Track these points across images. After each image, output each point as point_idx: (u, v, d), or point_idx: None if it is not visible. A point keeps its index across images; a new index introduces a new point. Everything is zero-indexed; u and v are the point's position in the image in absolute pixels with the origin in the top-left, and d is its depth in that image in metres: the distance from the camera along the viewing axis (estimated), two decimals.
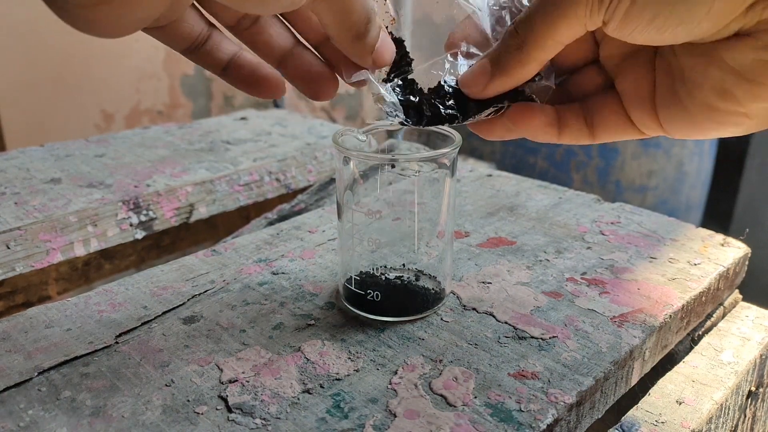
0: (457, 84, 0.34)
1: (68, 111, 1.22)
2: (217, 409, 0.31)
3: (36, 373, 0.34)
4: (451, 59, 0.35)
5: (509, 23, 0.33)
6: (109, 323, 0.38)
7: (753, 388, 0.43)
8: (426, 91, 0.35)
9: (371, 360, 0.35)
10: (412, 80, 0.35)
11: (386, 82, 0.34)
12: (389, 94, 0.33)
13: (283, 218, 0.58)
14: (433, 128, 0.40)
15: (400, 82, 0.34)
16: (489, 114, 0.35)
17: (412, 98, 0.34)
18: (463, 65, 0.34)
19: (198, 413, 0.31)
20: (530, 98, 0.35)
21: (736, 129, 0.32)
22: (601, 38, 0.35)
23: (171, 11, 0.30)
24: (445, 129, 0.39)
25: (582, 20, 0.29)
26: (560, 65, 0.36)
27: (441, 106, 0.34)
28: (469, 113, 0.34)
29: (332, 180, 0.66)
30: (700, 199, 1.61)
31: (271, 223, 0.58)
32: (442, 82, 0.34)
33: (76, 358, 0.35)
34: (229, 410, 0.31)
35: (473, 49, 0.35)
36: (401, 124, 0.34)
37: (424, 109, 0.34)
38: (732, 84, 0.30)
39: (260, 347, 0.36)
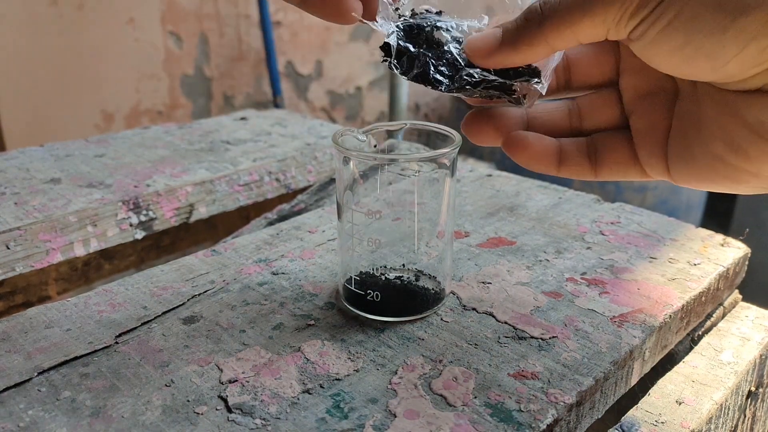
0: (460, 52, 0.33)
1: (68, 111, 1.22)
2: (217, 410, 0.31)
3: (36, 374, 0.34)
4: (476, 26, 0.34)
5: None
6: (109, 323, 0.38)
7: (753, 388, 0.43)
8: (431, 45, 0.33)
9: (371, 360, 0.35)
10: (424, 29, 0.33)
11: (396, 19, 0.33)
12: (390, 34, 0.32)
13: (282, 218, 0.58)
14: (434, 127, 0.40)
15: (409, 24, 0.33)
16: (475, 95, 0.34)
17: (411, 47, 0.32)
18: None
19: (198, 413, 0.31)
20: (516, 98, 0.34)
21: (742, 187, 0.31)
22: (624, 69, 0.35)
23: None
24: (445, 129, 0.39)
25: (607, 24, 0.28)
26: (576, 80, 0.36)
27: (432, 67, 0.32)
28: (457, 84, 0.32)
29: (332, 180, 0.66)
30: (700, 199, 1.61)
31: (271, 224, 0.58)
32: (447, 44, 0.33)
33: (76, 358, 0.35)
34: (229, 410, 0.31)
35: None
36: (389, 66, 0.33)
37: (416, 63, 0.32)
38: (746, 140, 0.29)
39: (260, 347, 0.36)
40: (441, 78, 0.32)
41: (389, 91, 1.45)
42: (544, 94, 0.34)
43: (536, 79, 0.33)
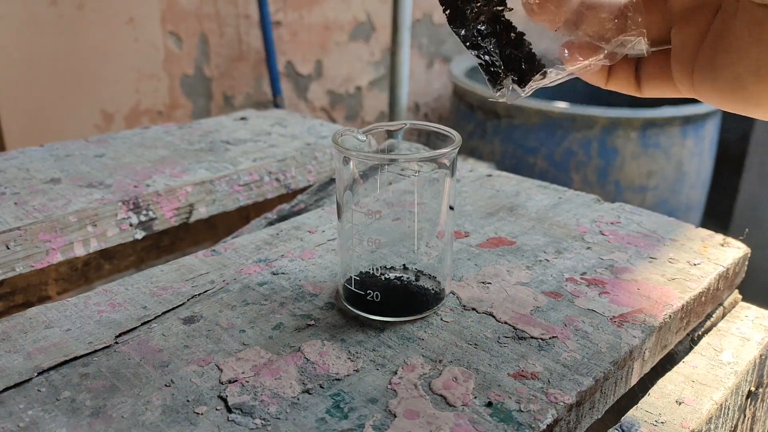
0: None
1: (68, 111, 1.22)
2: (216, 410, 0.31)
3: (35, 374, 0.34)
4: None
5: None
6: (109, 323, 0.38)
7: (753, 388, 0.43)
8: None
9: (371, 360, 0.35)
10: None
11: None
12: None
13: (282, 218, 0.58)
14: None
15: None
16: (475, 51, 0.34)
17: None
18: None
19: (198, 413, 0.31)
20: (536, 66, 0.34)
21: (760, 111, 0.31)
22: None
23: None
24: (444, 129, 0.39)
25: None
26: None
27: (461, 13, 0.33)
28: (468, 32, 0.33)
29: (332, 180, 0.66)
30: (699, 199, 1.61)
31: (270, 224, 0.58)
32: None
33: (76, 358, 0.35)
34: (229, 410, 0.31)
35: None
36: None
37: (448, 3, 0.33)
38: (766, 64, 0.29)
39: (260, 347, 0.36)
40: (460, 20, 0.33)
41: (389, 91, 1.45)
42: (563, 78, 0.34)
43: (524, 81, 0.33)
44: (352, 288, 0.39)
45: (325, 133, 0.76)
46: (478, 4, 0.33)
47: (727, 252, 0.48)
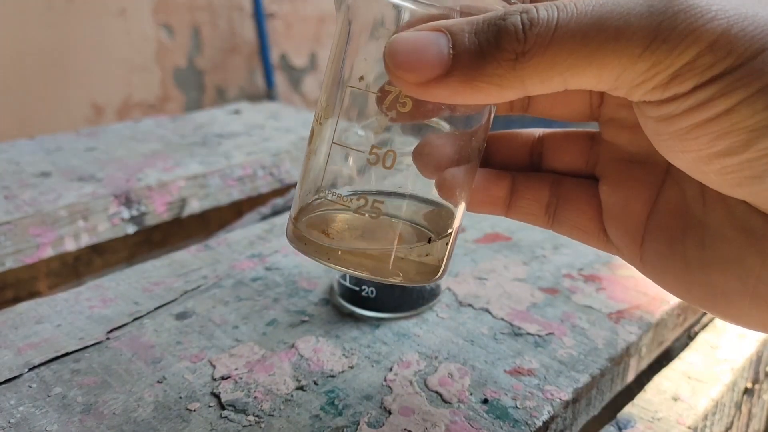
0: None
1: (58, 103, 1.21)
2: (209, 406, 0.31)
3: (26, 370, 0.33)
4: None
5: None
6: (100, 319, 0.38)
7: (749, 385, 0.43)
8: None
9: (366, 356, 0.35)
10: None
11: None
12: None
13: (276, 213, 0.57)
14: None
15: None
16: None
17: None
18: None
19: (190, 410, 0.31)
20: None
21: (739, 324, 0.23)
22: (604, 115, 0.26)
23: None
24: (443, 123, 0.39)
25: (622, 81, 0.19)
26: (537, 109, 0.28)
27: None
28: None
29: None
30: None
31: (264, 218, 0.57)
32: None
33: (67, 354, 0.35)
34: (222, 407, 0.31)
35: None
36: None
37: None
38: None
39: (253, 343, 0.36)
40: None
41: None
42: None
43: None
44: (347, 284, 0.38)
45: None
46: None
47: None
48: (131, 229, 0.56)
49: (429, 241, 0.26)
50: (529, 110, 0.28)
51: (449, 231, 0.26)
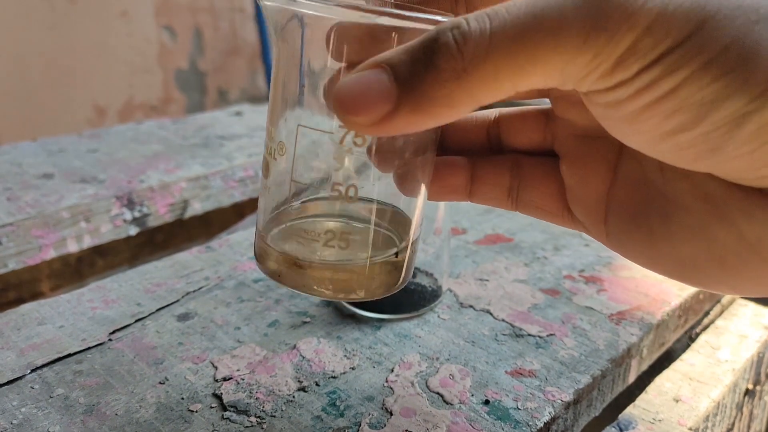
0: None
1: (61, 105, 1.21)
2: (211, 407, 0.31)
3: (29, 371, 0.34)
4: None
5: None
6: (103, 320, 0.38)
7: (750, 386, 0.43)
8: None
9: (367, 358, 0.35)
10: None
11: None
12: None
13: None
14: None
15: None
16: None
17: None
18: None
19: (192, 411, 0.31)
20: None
21: (709, 288, 0.23)
22: (557, 97, 0.26)
23: None
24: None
25: (567, 75, 0.19)
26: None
27: None
28: None
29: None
30: None
31: None
32: None
33: (69, 355, 0.35)
34: (224, 408, 0.31)
35: None
36: None
37: None
38: (737, 256, 0.21)
39: (255, 345, 0.36)
40: None
41: None
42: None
43: None
44: None
45: None
46: None
47: None
48: (133, 231, 0.56)
49: (396, 255, 0.26)
50: None
51: (411, 238, 0.26)
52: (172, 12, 1.32)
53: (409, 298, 0.39)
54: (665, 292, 0.42)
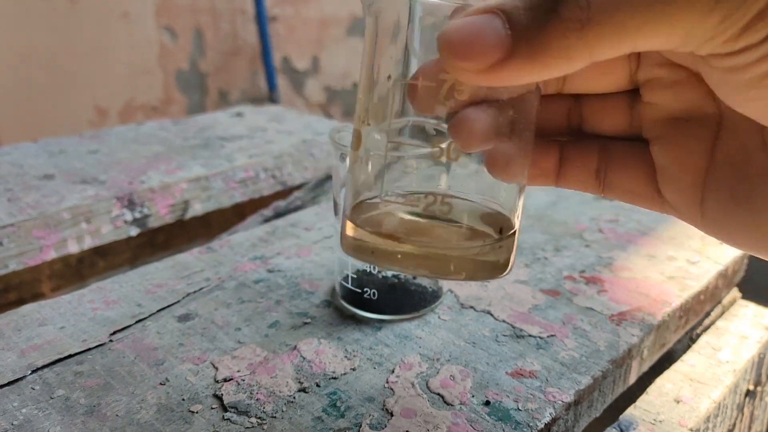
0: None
1: (61, 106, 1.21)
2: (212, 408, 0.31)
3: (29, 372, 0.34)
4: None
5: None
6: (103, 321, 0.38)
7: (751, 387, 0.43)
8: None
9: (368, 358, 0.35)
10: None
11: None
12: None
13: (279, 215, 0.58)
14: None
15: None
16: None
17: None
18: None
19: (193, 412, 0.31)
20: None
21: None
22: (647, 80, 0.25)
23: None
24: (443, 126, 0.39)
25: (694, 35, 0.18)
26: (571, 86, 0.27)
27: None
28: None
29: (329, 177, 0.65)
30: None
31: (266, 221, 0.57)
32: None
33: (70, 356, 0.35)
34: (225, 409, 0.31)
35: None
36: None
37: None
38: None
39: (256, 345, 0.36)
40: None
41: None
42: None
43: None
44: (349, 286, 0.38)
45: (322, 130, 0.75)
46: None
47: (726, 250, 0.48)
48: (134, 232, 0.56)
49: (500, 232, 0.25)
50: (564, 88, 0.27)
51: (513, 227, 0.26)
52: (172, 13, 1.32)
53: (410, 299, 0.39)
54: (666, 293, 0.42)
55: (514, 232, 0.26)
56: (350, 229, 0.26)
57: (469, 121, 0.24)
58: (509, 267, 0.26)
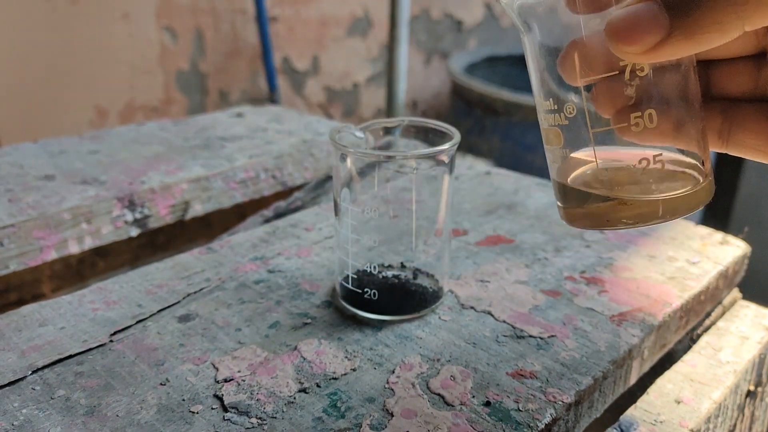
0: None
1: (62, 107, 1.21)
2: (212, 409, 0.31)
3: (30, 372, 0.34)
4: None
5: None
6: (104, 321, 0.38)
7: (752, 388, 0.43)
8: None
9: (368, 359, 0.35)
10: None
11: None
12: None
13: (279, 216, 0.58)
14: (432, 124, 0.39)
15: None
16: None
17: None
18: None
19: (193, 412, 0.31)
20: None
21: None
22: None
23: None
24: (443, 126, 0.39)
25: None
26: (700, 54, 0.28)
27: None
28: None
29: (329, 177, 0.65)
30: None
31: (267, 221, 0.57)
32: None
33: (71, 356, 0.35)
34: (225, 409, 0.31)
35: None
36: None
37: None
38: None
39: (256, 346, 0.36)
40: None
41: (387, 87, 1.45)
42: None
43: None
44: (350, 286, 0.38)
45: (322, 130, 0.75)
46: None
47: (726, 250, 0.48)
48: (134, 232, 0.56)
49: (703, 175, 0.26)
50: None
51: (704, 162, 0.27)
52: (173, 13, 1.32)
53: (410, 300, 0.39)
54: (666, 294, 0.42)
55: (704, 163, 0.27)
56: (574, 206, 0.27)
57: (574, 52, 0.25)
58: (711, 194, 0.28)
